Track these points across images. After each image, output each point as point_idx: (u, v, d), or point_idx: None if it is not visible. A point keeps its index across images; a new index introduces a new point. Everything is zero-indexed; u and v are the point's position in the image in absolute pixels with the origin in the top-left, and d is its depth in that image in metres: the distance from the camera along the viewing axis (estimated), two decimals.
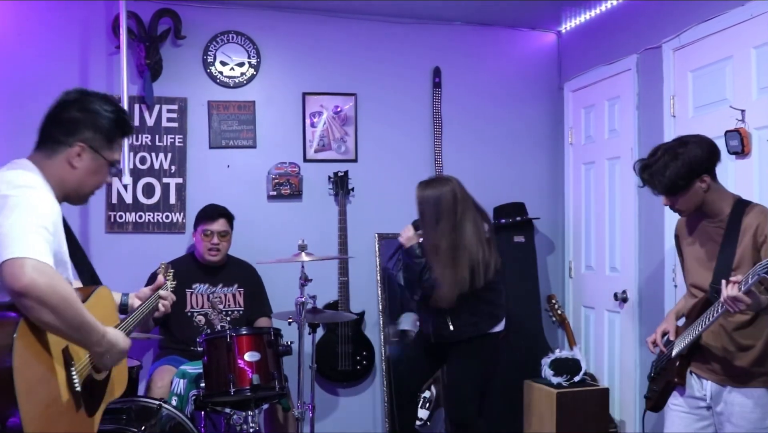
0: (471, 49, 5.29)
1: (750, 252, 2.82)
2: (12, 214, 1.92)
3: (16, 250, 1.86)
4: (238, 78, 4.89)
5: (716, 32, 3.78)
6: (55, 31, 4.59)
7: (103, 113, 2.23)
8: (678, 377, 2.99)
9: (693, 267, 3.08)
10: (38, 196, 2.05)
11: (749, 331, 2.86)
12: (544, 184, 5.39)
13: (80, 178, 2.23)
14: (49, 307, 1.85)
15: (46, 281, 1.86)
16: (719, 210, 2.93)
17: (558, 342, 5.18)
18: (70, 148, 2.19)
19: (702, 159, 2.87)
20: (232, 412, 3.57)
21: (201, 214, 4.48)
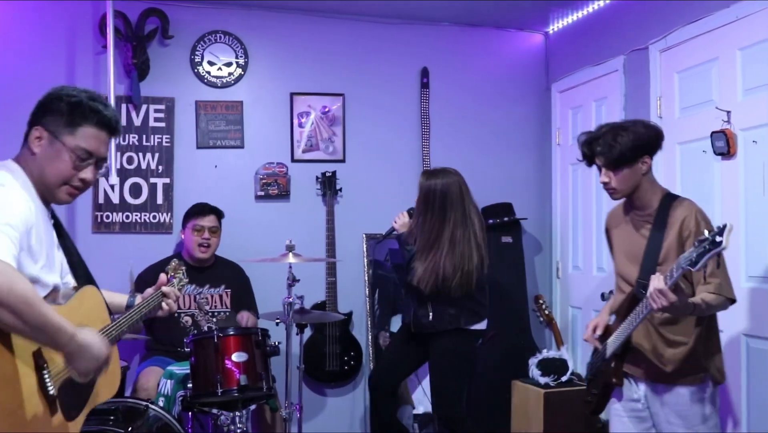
0: (459, 49, 5.30)
1: (675, 247, 2.81)
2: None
3: None
4: (225, 78, 4.88)
5: (702, 34, 3.80)
6: (42, 31, 4.57)
7: (63, 98, 2.15)
8: (616, 378, 2.94)
9: (622, 261, 3.06)
10: (5, 193, 1.98)
11: (678, 327, 2.85)
12: (532, 184, 5.40)
13: (40, 165, 2.13)
14: (7, 307, 1.78)
15: (4, 280, 1.78)
16: (648, 202, 2.92)
17: (545, 342, 5.19)
18: (30, 133, 2.15)
19: (649, 138, 2.87)
20: (220, 412, 3.56)
21: (191, 211, 4.47)
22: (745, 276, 3.48)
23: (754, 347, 3.45)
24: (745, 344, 3.49)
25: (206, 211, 4.45)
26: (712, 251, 2.37)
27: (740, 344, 3.51)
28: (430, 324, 4.01)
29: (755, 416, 3.43)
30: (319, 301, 4.87)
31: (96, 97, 2.21)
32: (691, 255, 2.43)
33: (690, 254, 2.44)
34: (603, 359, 3.01)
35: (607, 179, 2.89)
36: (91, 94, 2.21)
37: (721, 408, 3.59)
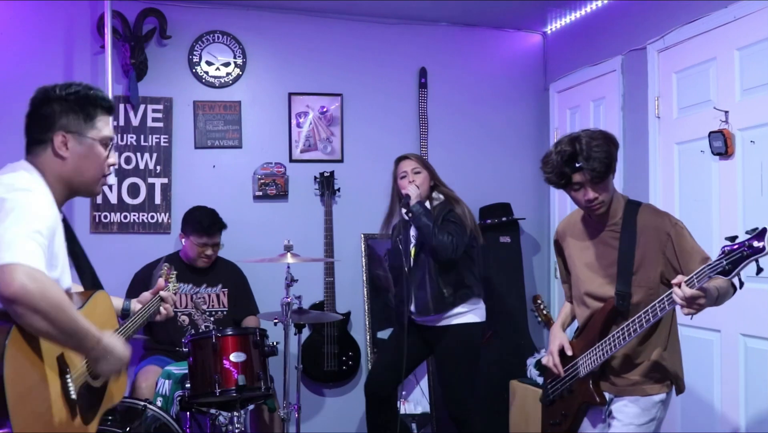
0: (457, 49, 5.30)
1: (653, 254, 2.70)
2: (7, 218, 1.89)
3: (7, 255, 1.82)
4: (223, 78, 4.88)
5: (700, 34, 3.81)
6: (40, 31, 4.57)
7: (68, 96, 2.16)
8: (599, 397, 2.79)
9: (585, 275, 2.88)
10: (35, 199, 2.01)
11: (650, 341, 2.74)
12: (530, 184, 5.40)
13: (74, 165, 2.16)
14: (41, 313, 1.82)
15: (37, 287, 1.82)
16: (615, 211, 2.80)
17: (543, 342, 5.19)
18: (53, 141, 2.14)
19: (613, 143, 2.73)
20: (218, 413, 3.56)
21: (196, 226, 4.33)
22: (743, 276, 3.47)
23: (752, 347, 3.45)
24: (743, 344, 3.49)
25: (214, 230, 4.35)
26: (753, 256, 2.22)
27: (738, 344, 3.51)
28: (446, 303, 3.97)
29: (753, 415, 3.43)
30: (318, 301, 4.87)
31: (90, 86, 2.25)
32: (720, 263, 2.28)
33: (719, 262, 2.28)
34: (575, 378, 2.87)
35: (595, 195, 2.69)
36: (83, 84, 2.24)
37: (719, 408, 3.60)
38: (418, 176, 4.09)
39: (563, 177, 2.70)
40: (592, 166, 2.62)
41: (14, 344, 1.83)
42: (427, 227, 3.89)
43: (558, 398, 2.98)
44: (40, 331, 1.86)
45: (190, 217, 4.40)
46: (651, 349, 2.75)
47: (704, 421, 3.69)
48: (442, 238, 3.86)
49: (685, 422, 3.81)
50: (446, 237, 3.87)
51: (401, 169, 4.17)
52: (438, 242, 3.87)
